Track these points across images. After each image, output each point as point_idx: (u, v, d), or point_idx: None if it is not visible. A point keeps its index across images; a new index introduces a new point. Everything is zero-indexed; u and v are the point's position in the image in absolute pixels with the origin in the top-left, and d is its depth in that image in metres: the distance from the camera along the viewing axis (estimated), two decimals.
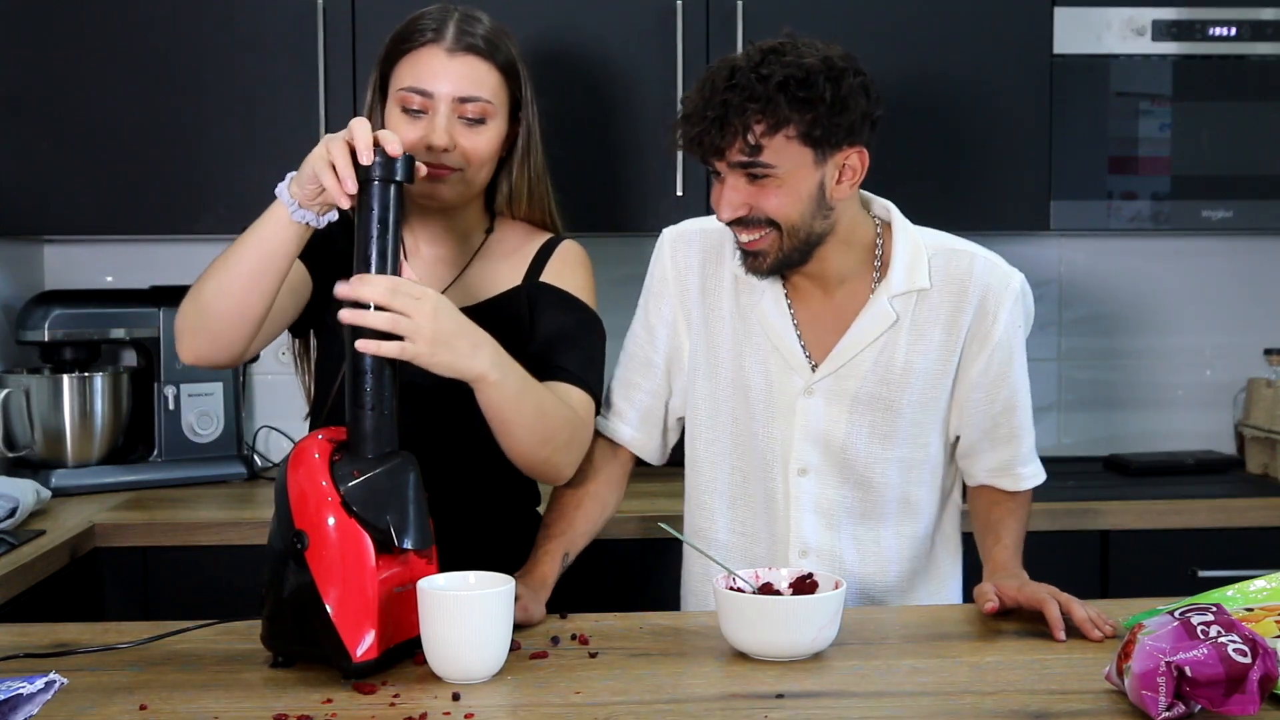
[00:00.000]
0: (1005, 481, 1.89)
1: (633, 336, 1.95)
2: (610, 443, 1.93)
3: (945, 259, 1.83)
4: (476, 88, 1.74)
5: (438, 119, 1.72)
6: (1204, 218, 2.75)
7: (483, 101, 1.74)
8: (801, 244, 1.74)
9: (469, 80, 1.74)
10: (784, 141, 1.67)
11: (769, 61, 1.66)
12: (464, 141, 1.74)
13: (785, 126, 1.66)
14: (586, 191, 2.67)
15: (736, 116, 1.65)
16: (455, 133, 1.73)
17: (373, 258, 1.47)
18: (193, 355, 1.65)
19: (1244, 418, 2.96)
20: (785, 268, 1.78)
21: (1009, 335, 1.83)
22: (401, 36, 1.76)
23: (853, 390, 1.83)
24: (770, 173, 1.68)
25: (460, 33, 1.74)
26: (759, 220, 1.72)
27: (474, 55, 1.74)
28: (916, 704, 1.38)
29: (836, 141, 1.69)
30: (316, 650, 1.44)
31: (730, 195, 1.72)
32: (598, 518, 1.88)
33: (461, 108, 1.73)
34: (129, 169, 2.63)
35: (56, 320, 2.66)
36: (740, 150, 1.67)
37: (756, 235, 1.73)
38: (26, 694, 1.32)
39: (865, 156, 1.74)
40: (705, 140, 1.68)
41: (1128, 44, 2.71)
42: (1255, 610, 1.46)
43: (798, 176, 1.69)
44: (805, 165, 1.69)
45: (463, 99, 1.73)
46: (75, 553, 2.27)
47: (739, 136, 1.66)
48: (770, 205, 1.71)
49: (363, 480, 1.44)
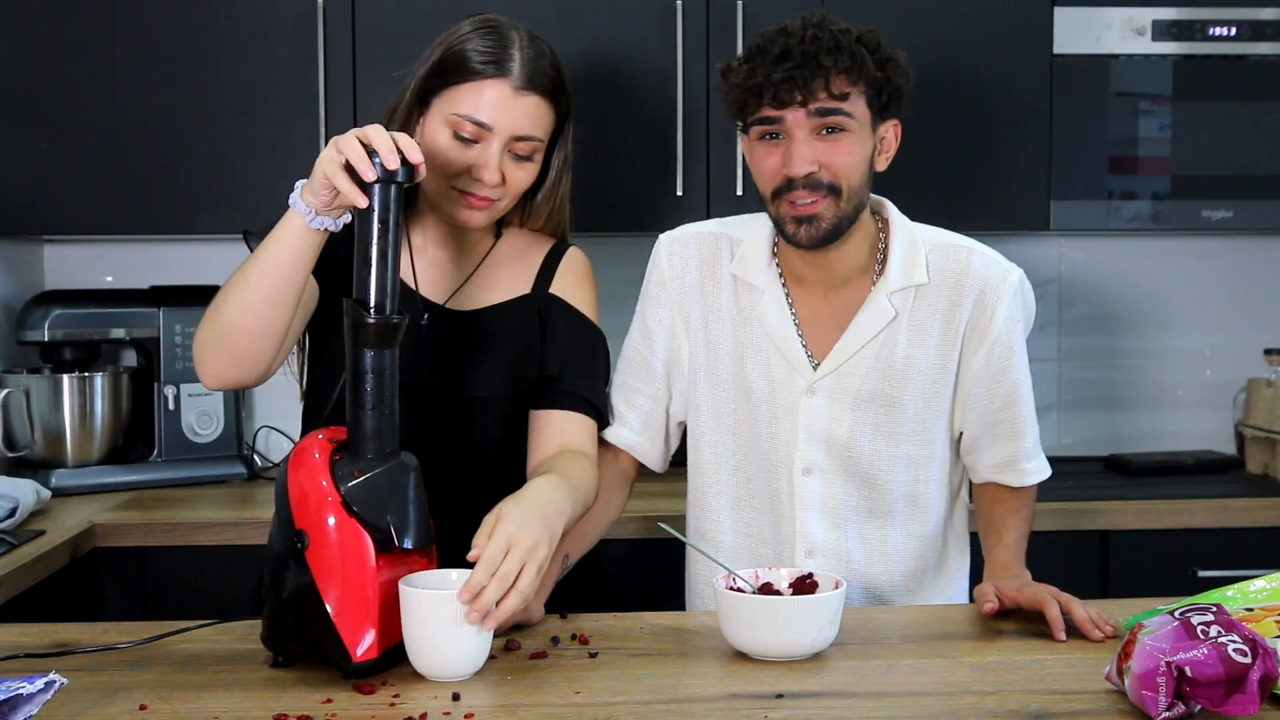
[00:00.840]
0: (1009, 477, 1.89)
1: (631, 342, 1.95)
2: (611, 447, 1.93)
3: (942, 254, 1.84)
4: (534, 128, 1.72)
5: (490, 152, 1.69)
6: (1204, 218, 2.75)
7: (537, 140, 1.73)
8: (852, 211, 1.76)
9: (530, 121, 1.71)
10: (859, 95, 1.72)
11: (829, 25, 1.71)
12: (512, 175, 1.73)
13: (862, 80, 1.70)
14: (586, 191, 2.65)
15: (826, 61, 1.68)
16: (506, 168, 1.71)
17: (373, 259, 1.47)
18: (217, 379, 1.60)
19: (1244, 418, 2.96)
20: (835, 237, 1.77)
21: (1007, 330, 1.83)
22: (462, 60, 1.70)
23: (854, 388, 1.83)
24: (848, 125, 1.72)
25: (527, 69, 1.70)
26: (820, 184, 1.73)
27: (541, 96, 1.72)
28: (916, 704, 1.38)
29: (889, 108, 1.76)
30: (316, 650, 1.44)
31: (803, 150, 1.72)
32: (600, 521, 1.88)
33: (516, 145, 1.71)
34: (129, 169, 2.63)
35: (56, 320, 2.66)
36: (825, 97, 1.70)
37: (814, 198, 1.73)
38: (26, 694, 1.32)
39: (899, 131, 1.80)
40: (787, 87, 1.69)
41: (1128, 44, 2.71)
42: (1255, 610, 1.46)
43: (862, 136, 1.74)
44: (866, 127, 1.75)
45: (519, 137, 1.71)
46: (75, 553, 2.27)
47: (823, 87, 1.69)
48: (840, 161, 1.72)
49: (363, 480, 1.44)
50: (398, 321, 1.47)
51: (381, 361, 1.46)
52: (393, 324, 1.46)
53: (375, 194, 1.47)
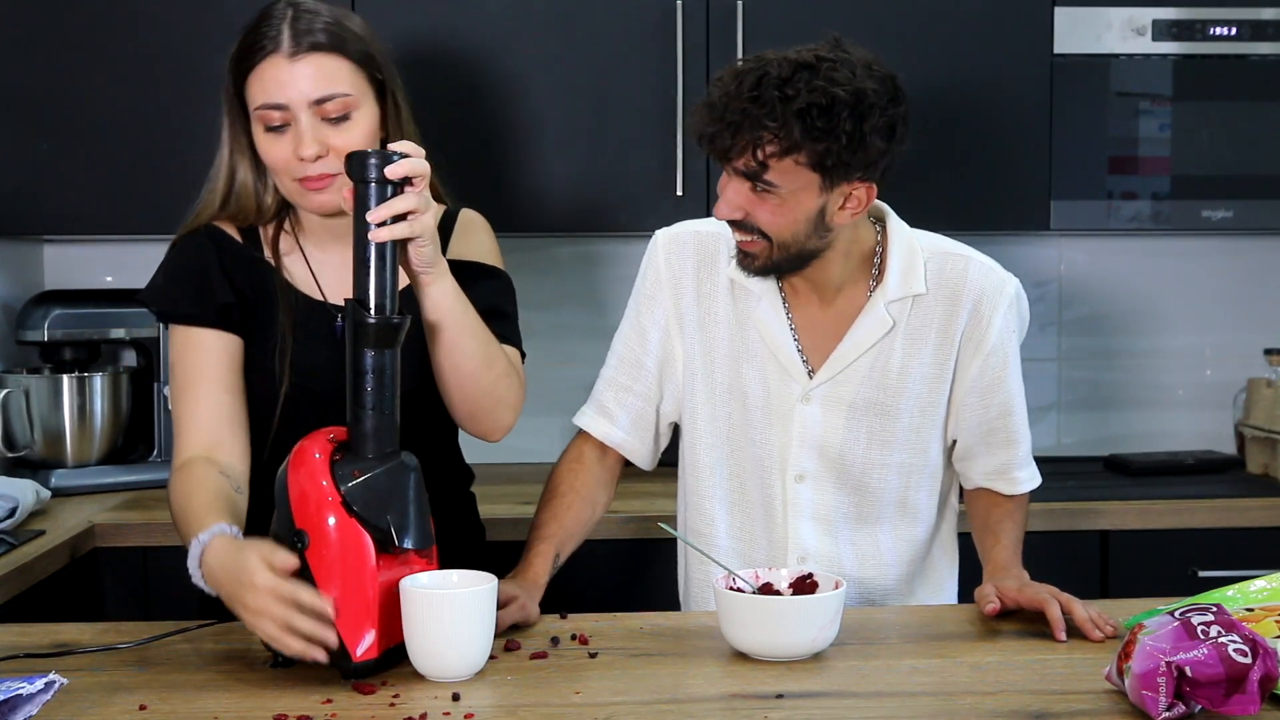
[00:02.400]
0: (1001, 485, 1.89)
1: (623, 337, 1.94)
2: (599, 444, 1.93)
3: (940, 263, 1.83)
4: (330, 85, 1.64)
5: (300, 128, 1.64)
6: (1204, 218, 2.75)
7: (340, 96, 1.66)
8: (793, 257, 1.74)
9: (319, 80, 1.64)
10: (792, 165, 1.65)
11: (798, 80, 1.62)
12: (335, 141, 1.65)
13: (796, 152, 1.64)
14: (586, 192, 2.67)
15: (749, 130, 1.63)
16: (323, 136, 1.64)
17: (371, 259, 1.47)
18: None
19: (1244, 418, 2.96)
20: (776, 273, 1.77)
21: (1003, 340, 1.83)
22: (242, 53, 1.68)
23: (849, 397, 1.82)
24: (772, 190, 1.67)
25: (296, 34, 1.65)
26: (753, 227, 1.71)
27: (317, 53, 1.65)
28: (916, 704, 1.38)
29: (847, 174, 1.67)
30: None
31: (730, 197, 1.71)
32: (588, 519, 1.88)
33: (321, 109, 1.64)
34: (129, 169, 2.63)
35: (56, 320, 2.66)
36: (746, 163, 1.66)
37: (749, 238, 1.73)
38: (26, 694, 1.32)
39: (873, 191, 1.72)
40: (716, 142, 1.67)
41: (1128, 44, 2.71)
42: (1255, 610, 1.46)
43: (799, 198, 1.68)
44: (809, 189, 1.68)
45: (319, 100, 1.64)
46: (75, 553, 2.27)
47: (748, 149, 1.65)
48: (764, 219, 1.70)
49: (363, 480, 1.44)
50: (398, 321, 1.47)
51: (382, 361, 1.47)
52: (394, 324, 1.46)
53: (372, 195, 1.47)
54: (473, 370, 1.65)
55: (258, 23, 1.68)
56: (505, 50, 2.64)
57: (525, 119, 2.64)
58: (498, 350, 1.69)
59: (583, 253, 2.99)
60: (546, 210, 2.65)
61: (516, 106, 2.59)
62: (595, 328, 2.06)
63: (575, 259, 3.00)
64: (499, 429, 1.74)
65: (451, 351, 1.63)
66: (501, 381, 1.69)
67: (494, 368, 1.67)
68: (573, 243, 3.00)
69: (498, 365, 1.68)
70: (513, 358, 1.76)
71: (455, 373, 1.65)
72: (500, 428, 1.74)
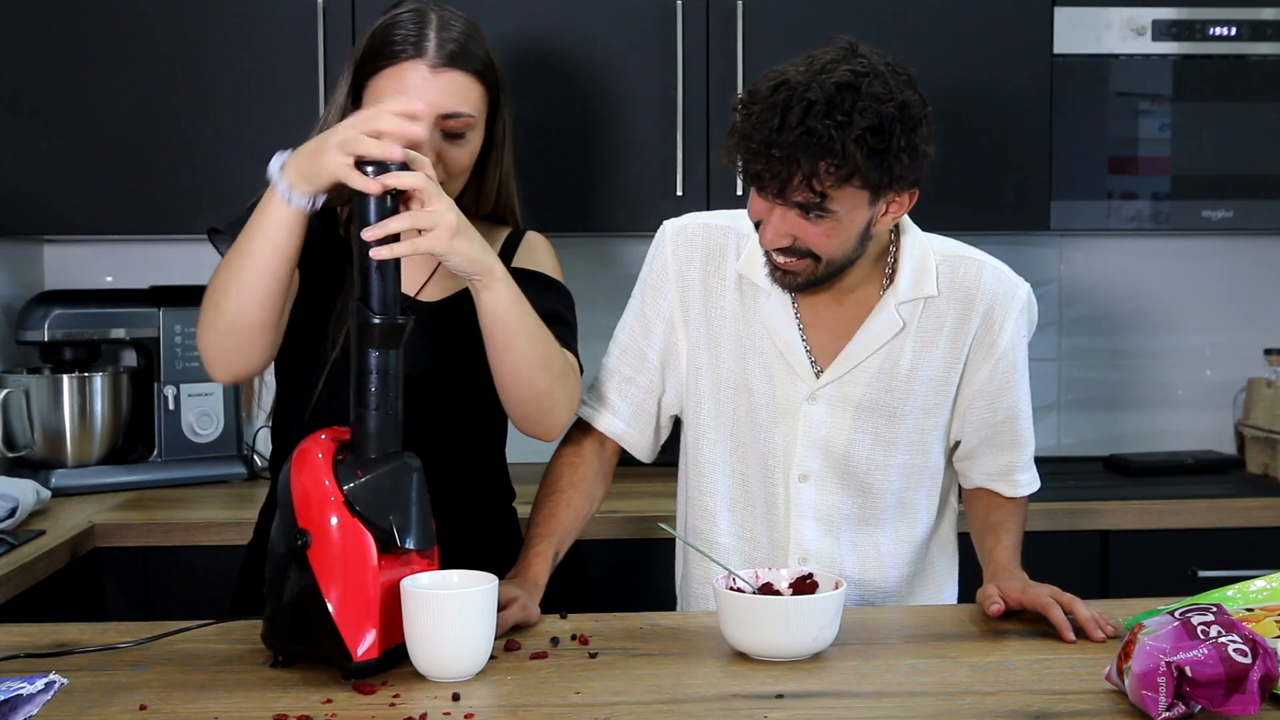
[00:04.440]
0: (1002, 486, 1.88)
1: (626, 328, 1.92)
2: (598, 435, 1.92)
3: (952, 266, 1.83)
4: (460, 103, 1.71)
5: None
6: (1204, 218, 2.75)
7: (466, 116, 1.71)
8: (836, 271, 1.73)
9: (454, 97, 1.70)
10: (850, 189, 1.63)
11: (844, 103, 1.57)
12: (446, 155, 1.71)
13: (855, 176, 1.61)
14: (586, 192, 2.67)
15: (807, 162, 1.58)
16: (438, 147, 1.70)
17: (371, 268, 1.47)
18: (228, 374, 1.64)
19: (1244, 418, 2.96)
20: (817, 286, 1.75)
21: (1014, 345, 1.83)
22: (380, 47, 1.71)
23: (856, 397, 1.82)
24: (828, 214, 1.65)
25: (441, 44, 1.69)
26: (803, 251, 1.69)
27: (458, 70, 1.70)
28: (916, 704, 1.38)
29: (899, 185, 1.66)
30: (317, 650, 1.44)
31: (778, 224, 1.67)
32: (585, 514, 1.88)
33: (445, 123, 1.70)
34: (129, 169, 2.63)
35: (56, 320, 2.66)
36: (804, 196, 1.62)
37: (793, 259, 1.70)
38: (26, 694, 1.32)
39: (915, 195, 1.71)
40: (765, 179, 1.62)
41: (1128, 44, 2.71)
42: (1255, 610, 1.46)
43: (852, 217, 1.66)
44: (861, 206, 1.66)
45: (447, 115, 1.70)
46: (75, 553, 2.27)
47: (806, 183, 1.60)
48: (815, 241, 1.67)
49: (366, 480, 1.44)
50: (403, 322, 1.47)
51: (386, 362, 1.47)
52: (398, 324, 1.47)
53: (371, 206, 1.47)
54: (529, 373, 1.68)
55: (403, 19, 1.71)
56: (505, 50, 2.63)
57: (525, 119, 2.63)
58: (557, 352, 1.71)
59: (583, 253, 2.99)
60: (546, 210, 2.65)
61: (516, 106, 2.60)
62: (595, 328, 2.06)
63: (575, 259, 2.99)
64: (556, 428, 1.78)
65: (506, 353, 1.66)
66: (558, 383, 1.72)
67: (551, 369, 1.70)
68: (573, 243, 2.99)
69: (555, 367, 1.71)
70: (571, 363, 1.78)
71: (513, 375, 1.68)
72: (557, 427, 1.79)
